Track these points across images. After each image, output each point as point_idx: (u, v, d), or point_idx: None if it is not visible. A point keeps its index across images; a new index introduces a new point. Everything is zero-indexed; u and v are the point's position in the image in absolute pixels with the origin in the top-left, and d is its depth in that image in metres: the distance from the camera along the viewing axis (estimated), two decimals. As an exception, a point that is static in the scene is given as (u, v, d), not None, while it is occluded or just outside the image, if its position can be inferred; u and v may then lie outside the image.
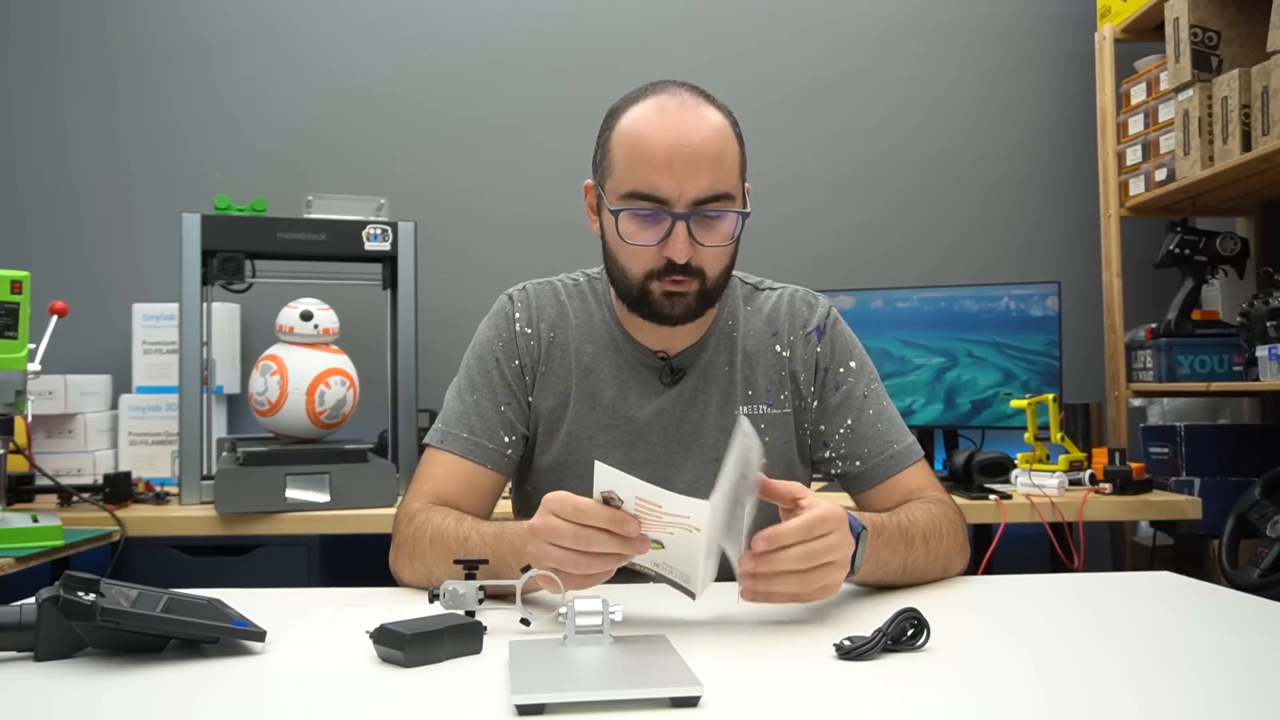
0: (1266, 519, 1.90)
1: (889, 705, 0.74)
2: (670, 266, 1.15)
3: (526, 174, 2.72)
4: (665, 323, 1.21)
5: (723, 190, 1.15)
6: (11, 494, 2.03)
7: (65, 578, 0.83)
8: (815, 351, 1.30)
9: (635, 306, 1.22)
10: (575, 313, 1.31)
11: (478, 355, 1.29)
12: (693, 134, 1.13)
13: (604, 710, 0.71)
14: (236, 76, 2.71)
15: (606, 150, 1.19)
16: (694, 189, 1.13)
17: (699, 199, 1.13)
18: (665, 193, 1.13)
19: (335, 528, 2.00)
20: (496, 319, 1.31)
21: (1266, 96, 2.02)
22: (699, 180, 1.13)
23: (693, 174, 1.12)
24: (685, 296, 1.18)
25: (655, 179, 1.13)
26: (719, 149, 1.15)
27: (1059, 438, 2.17)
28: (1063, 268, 2.66)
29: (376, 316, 2.40)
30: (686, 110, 1.15)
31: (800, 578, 0.93)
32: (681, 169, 1.12)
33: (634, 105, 1.18)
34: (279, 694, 0.78)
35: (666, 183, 1.12)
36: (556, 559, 0.92)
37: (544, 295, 1.31)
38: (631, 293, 1.20)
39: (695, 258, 1.16)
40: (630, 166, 1.14)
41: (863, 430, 1.28)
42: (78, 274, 2.62)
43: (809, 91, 2.78)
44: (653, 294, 1.18)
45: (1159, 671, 0.83)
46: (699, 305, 1.20)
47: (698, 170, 1.13)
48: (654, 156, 1.13)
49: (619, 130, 1.17)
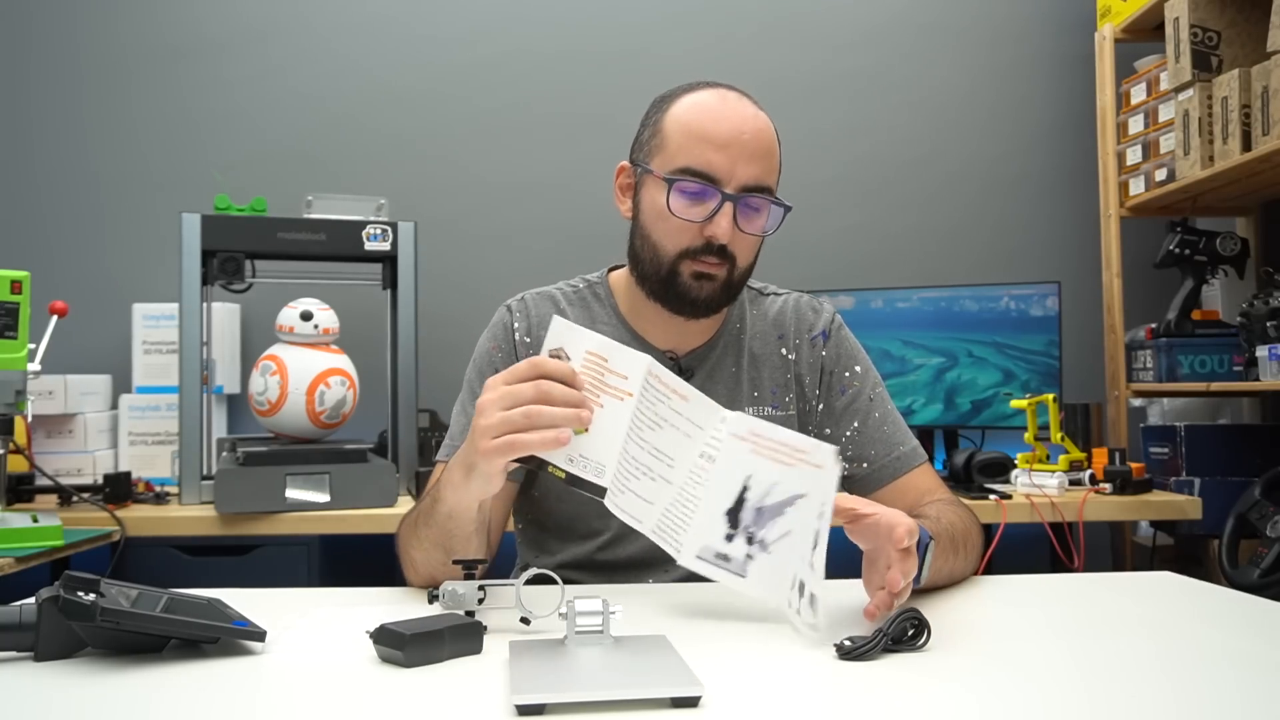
0: (1266, 519, 1.90)
1: (889, 705, 0.74)
2: (707, 247, 1.18)
3: (526, 174, 2.72)
4: (688, 308, 1.22)
5: (769, 183, 1.19)
6: (11, 494, 2.02)
7: (65, 578, 0.83)
8: (820, 356, 1.31)
9: (661, 288, 1.22)
10: (577, 319, 1.31)
11: (478, 369, 1.30)
12: (751, 123, 1.18)
13: (604, 710, 0.71)
14: (236, 77, 2.71)
15: (658, 129, 1.21)
16: (745, 174, 1.17)
17: (748, 185, 1.17)
18: (719, 172, 1.16)
19: (335, 528, 2.00)
20: (495, 330, 1.31)
21: (1266, 96, 2.02)
22: (752, 167, 1.17)
23: (747, 159, 1.17)
24: (714, 281, 1.20)
25: (712, 157, 1.16)
26: (771, 144, 1.20)
27: (1059, 438, 2.17)
28: (1063, 268, 2.66)
29: (376, 316, 2.40)
30: (745, 105, 1.21)
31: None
32: (738, 152, 1.16)
33: (692, 93, 1.22)
34: (279, 694, 0.78)
35: (722, 162, 1.16)
36: (508, 422, 0.93)
37: (542, 304, 1.32)
38: (661, 271, 1.21)
39: (732, 243, 1.18)
40: (687, 143, 1.18)
41: (869, 433, 1.28)
42: (78, 274, 2.62)
43: (809, 91, 2.78)
44: (682, 274, 1.20)
45: (1159, 671, 0.83)
46: (722, 295, 1.22)
47: (752, 157, 1.17)
48: (714, 136, 1.16)
49: (675, 111, 1.21)
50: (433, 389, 2.38)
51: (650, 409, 0.94)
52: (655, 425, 0.95)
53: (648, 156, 1.22)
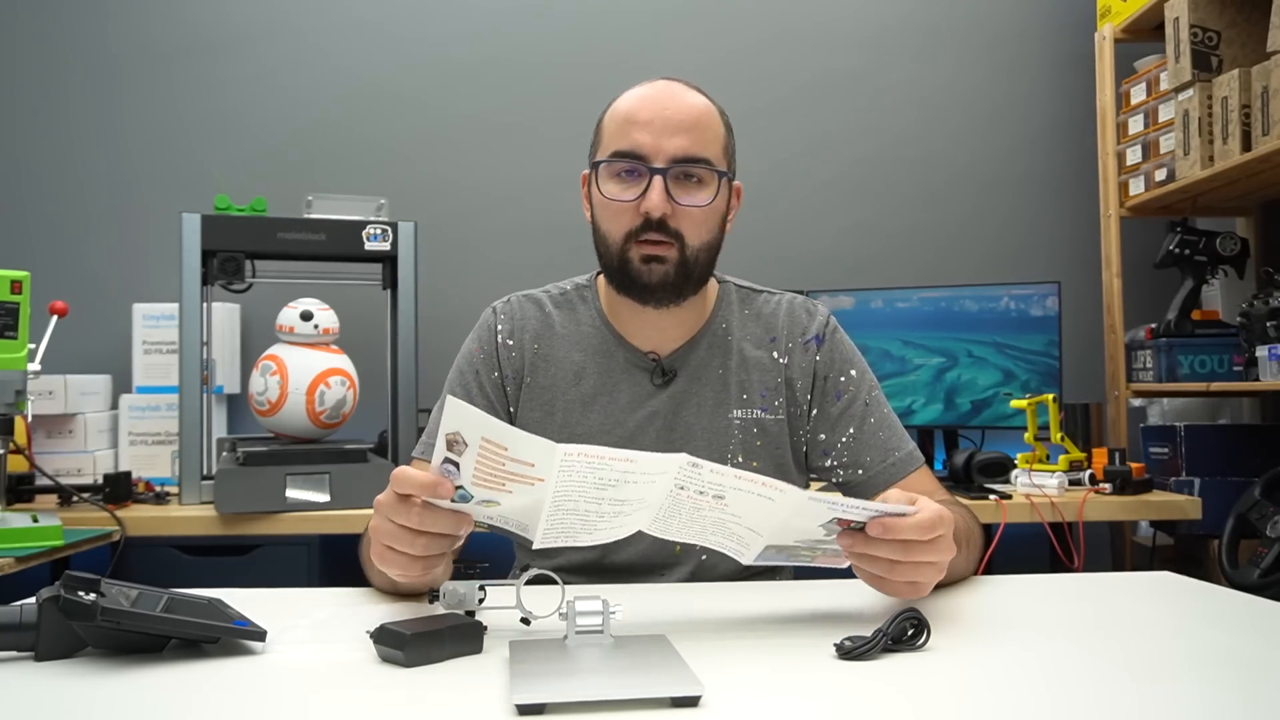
0: (1266, 519, 1.90)
1: (889, 705, 0.74)
2: (647, 224, 1.17)
3: (527, 173, 2.72)
4: (646, 294, 1.21)
5: (702, 155, 1.19)
6: (11, 494, 2.02)
7: (65, 578, 0.83)
8: (814, 360, 1.30)
9: (618, 277, 1.22)
10: (561, 322, 1.31)
11: (459, 368, 1.32)
12: (675, 101, 1.19)
13: (604, 710, 0.71)
14: (236, 76, 2.71)
15: (598, 129, 1.25)
16: (672, 146, 1.17)
17: (677, 157, 1.17)
18: (645, 149, 1.18)
19: (335, 528, 2.00)
20: (480, 332, 1.32)
21: (1266, 96, 2.02)
22: (678, 139, 1.18)
23: (670, 133, 1.18)
24: (664, 263, 1.19)
25: (635, 136, 1.18)
26: (699, 117, 1.20)
27: (1059, 438, 2.17)
28: (1062, 268, 2.66)
29: (376, 316, 2.40)
30: (674, 86, 1.22)
31: (888, 566, 0.92)
32: (660, 127, 1.17)
33: (631, 89, 1.24)
34: (279, 694, 0.78)
35: (645, 139, 1.18)
36: (392, 535, 0.88)
37: (527, 308, 1.32)
38: (614, 261, 1.21)
39: (673, 219, 1.18)
40: (615, 129, 1.21)
41: (865, 439, 1.28)
42: (78, 274, 2.62)
43: (809, 90, 2.78)
44: (632, 260, 1.20)
45: (1159, 671, 0.83)
46: (678, 276, 1.20)
47: (678, 129, 1.18)
48: (639, 116, 1.18)
49: (613, 106, 1.24)
50: (433, 389, 2.36)
51: (589, 475, 0.85)
52: (603, 487, 0.86)
53: (592, 155, 1.25)
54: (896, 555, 0.91)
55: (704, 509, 0.90)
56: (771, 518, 0.90)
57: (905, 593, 0.95)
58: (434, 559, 0.89)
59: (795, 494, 0.87)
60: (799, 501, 0.88)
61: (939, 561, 0.93)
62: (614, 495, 0.87)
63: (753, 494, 0.88)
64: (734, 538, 0.94)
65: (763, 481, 0.87)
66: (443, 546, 0.89)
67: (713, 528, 0.93)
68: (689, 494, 0.89)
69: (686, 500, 0.89)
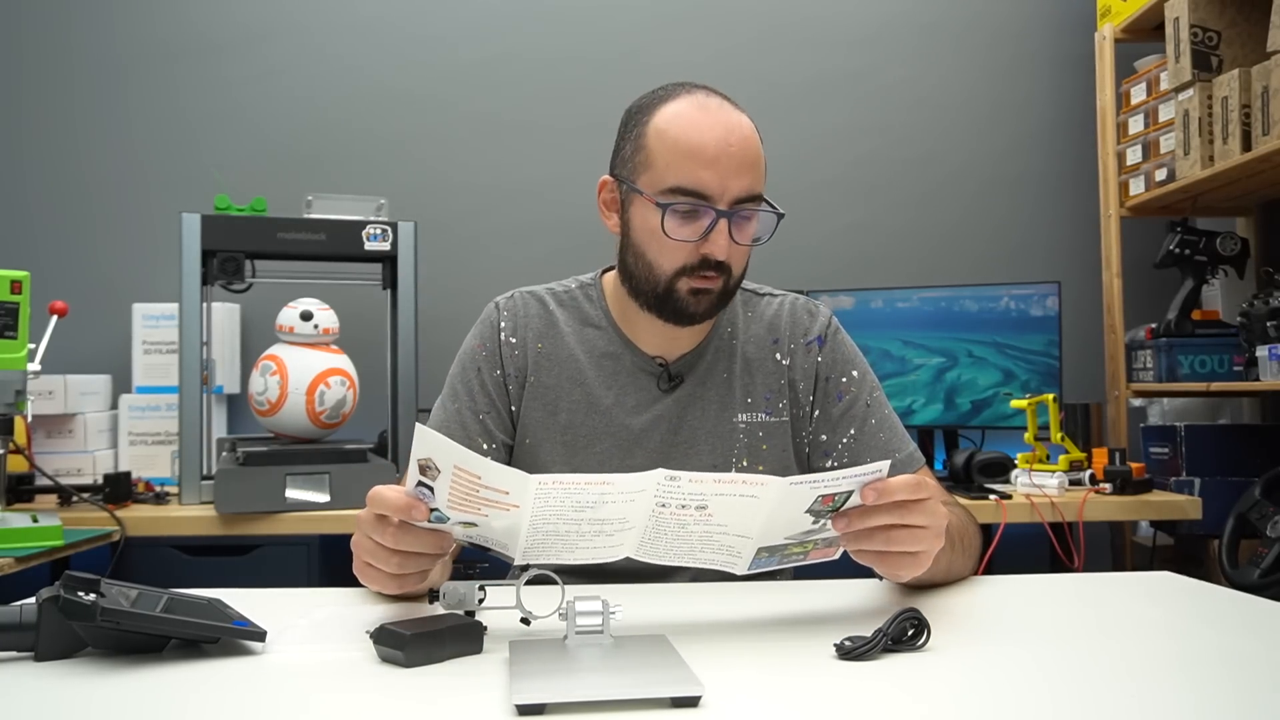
0: (1266, 519, 1.90)
1: (889, 705, 0.74)
2: (704, 263, 1.17)
3: (527, 173, 2.72)
4: (687, 321, 1.21)
5: (759, 191, 1.18)
6: (11, 494, 2.03)
7: (65, 578, 0.83)
8: (816, 361, 1.30)
9: (657, 303, 1.21)
10: (566, 321, 1.30)
11: (461, 365, 1.30)
12: (736, 133, 1.15)
13: (604, 710, 0.71)
14: (236, 77, 2.71)
15: (640, 145, 1.19)
16: (737, 187, 1.15)
17: (739, 198, 1.15)
18: (710, 189, 1.14)
19: (335, 528, 2.00)
20: (482, 328, 1.31)
21: (1266, 96, 2.02)
22: (741, 179, 1.15)
23: (735, 172, 1.15)
24: (710, 294, 1.19)
25: (702, 174, 1.14)
26: (757, 150, 1.18)
27: (1059, 438, 2.17)
28: (1062, 268, 2.66)
29: (376, 316, 2.40)
30: (726, 111, 1.17)
31: (886, 536, 0.91)
32: (726, 166, 1.14)
33: (668, 103, 1.18)
34: (279, 694, 0.78)
35: (712, 179, 1.14)
36: (369, 552, 0.89)
37: (531, 305, 1.31)
38: (657, 289, 1.20)
39: (728, 255, 1.17)
40: (675, 161, 1.15)
41: (865, 440, 1.28)
42: (78, 274, 2.62)
43: (809, 90, 2.78)
44: (679, 291, 1.19)
45: (1159, 671, 0.83)
46: (718, 304, 1.22)
47: (740, 169, 1.15)
48: (702, 151, 1.14)
49: (657, 125, 1.17)
50: (433, 389, 2.36)
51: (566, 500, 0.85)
52: (581, 509, 0.86)
53: (633, 173, 1.19)
54: (893, 519, 0.90)
55: (689, 524, 0.90)
56: (758, 515, 0.90)
57: (908, 566, 0.93)
58: (413, 576, 0.91)
59: (776, 483, 0.87)
60: (781, 489, 0.87)
61: (933, 526, 0.92)
62: (593, 516, 0.87)
63: (735, 495, 0.88)
64: (724, 550, 0.94)
65: (743, 480, 0.87)
66: (421, 565, 0.90)
67: (701, 543, 0.93)
68: (671, 510, 0.89)
69: (670, 518, 0.89)
